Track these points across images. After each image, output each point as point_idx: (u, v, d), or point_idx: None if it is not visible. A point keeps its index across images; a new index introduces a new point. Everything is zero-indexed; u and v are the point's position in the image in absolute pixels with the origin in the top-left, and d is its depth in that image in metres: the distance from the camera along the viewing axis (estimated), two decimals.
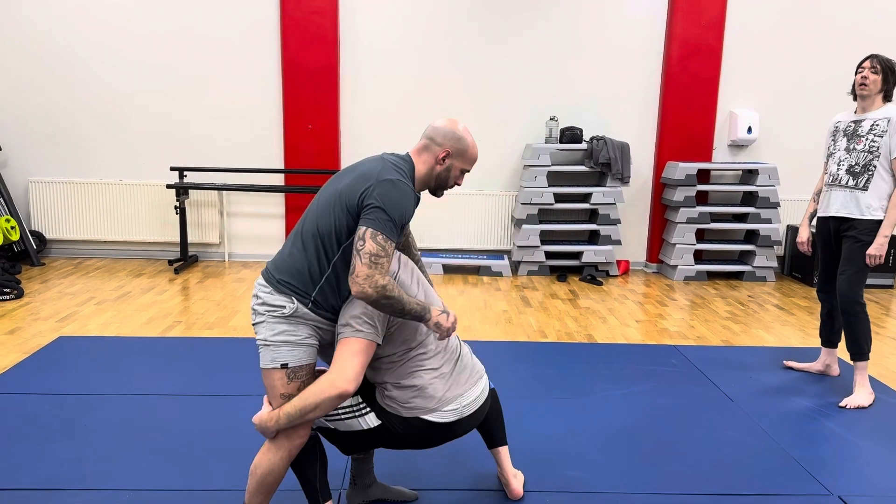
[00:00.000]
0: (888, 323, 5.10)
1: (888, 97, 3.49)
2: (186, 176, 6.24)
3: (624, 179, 6.19)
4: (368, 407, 2.19)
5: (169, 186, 6.00)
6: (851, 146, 3.54)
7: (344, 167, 2.30)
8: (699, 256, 6.51)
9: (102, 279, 5.72)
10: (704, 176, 6.40)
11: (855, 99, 3.58)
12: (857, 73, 3.53)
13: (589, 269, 6.28)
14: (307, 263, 2.08)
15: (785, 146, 6.50)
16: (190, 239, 6.38)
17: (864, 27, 6.30)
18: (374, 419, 2.18)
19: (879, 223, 3.45)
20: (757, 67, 6.36)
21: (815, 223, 3.82)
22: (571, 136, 6.18)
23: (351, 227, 2.05)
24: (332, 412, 2.16)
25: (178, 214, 6.14)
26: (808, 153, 6.42)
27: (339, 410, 2.18)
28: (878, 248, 3.42)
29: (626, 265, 6.50)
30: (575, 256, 6.45)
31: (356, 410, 2.18)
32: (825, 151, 3.73)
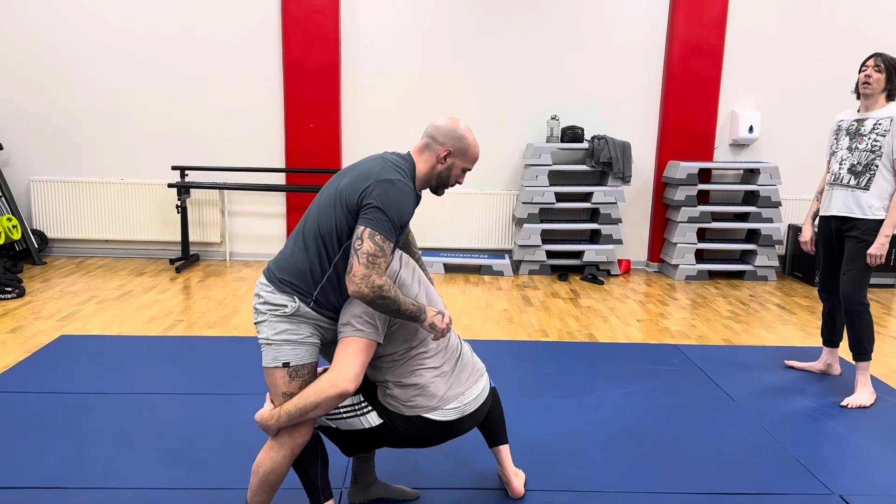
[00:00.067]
0: (889, 322, 5.09)
1: (892, 96, 3.46)
2: (188, 175, 6.24)
3: (625, 179, 6.19)
4: (370, 406, 2.19)
5: (170, 185, 6.01)
6: (854, 145, 3.52)
7: (345, 166, 2.30)
8: (700, 256, 6.50)
9: (104, 278, 5.72)
10: (706, 175, 6.40)
11: (858, 97, 3.55)
12: (860, 71, 3.49)
13: (590, 268, 6.28)
14: (308, 263, 2.08)
15: (786, 145, 6.49)
16: (191, 238, 6.39)
17: (865, 27, 6.30)
18: (375, 418, 2.18)
19: (881, 223, 3.42)
20: (758, 67, 6.35)
21: (817, 222, 3.81)
22: (573, 135, 6.18)
23: (351, 226, 2.05)
24: (333, 411, 2.17)
25: (179, 213, 6.15)
26: (809, 152, 6.41)
27: (340, 409, 2.18)
28: (878, 247, 3.40)
29: (627, 264, 6.50)
30: (576, 256, 6.45)
31: (358, 409, 2.18)
32: (828, 150, 3.71)
